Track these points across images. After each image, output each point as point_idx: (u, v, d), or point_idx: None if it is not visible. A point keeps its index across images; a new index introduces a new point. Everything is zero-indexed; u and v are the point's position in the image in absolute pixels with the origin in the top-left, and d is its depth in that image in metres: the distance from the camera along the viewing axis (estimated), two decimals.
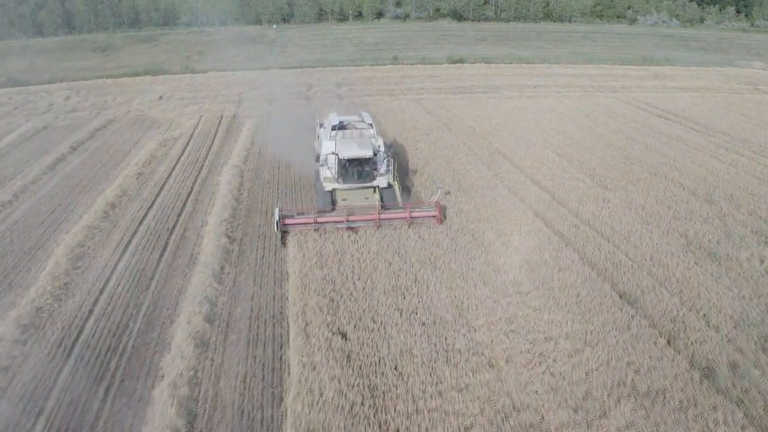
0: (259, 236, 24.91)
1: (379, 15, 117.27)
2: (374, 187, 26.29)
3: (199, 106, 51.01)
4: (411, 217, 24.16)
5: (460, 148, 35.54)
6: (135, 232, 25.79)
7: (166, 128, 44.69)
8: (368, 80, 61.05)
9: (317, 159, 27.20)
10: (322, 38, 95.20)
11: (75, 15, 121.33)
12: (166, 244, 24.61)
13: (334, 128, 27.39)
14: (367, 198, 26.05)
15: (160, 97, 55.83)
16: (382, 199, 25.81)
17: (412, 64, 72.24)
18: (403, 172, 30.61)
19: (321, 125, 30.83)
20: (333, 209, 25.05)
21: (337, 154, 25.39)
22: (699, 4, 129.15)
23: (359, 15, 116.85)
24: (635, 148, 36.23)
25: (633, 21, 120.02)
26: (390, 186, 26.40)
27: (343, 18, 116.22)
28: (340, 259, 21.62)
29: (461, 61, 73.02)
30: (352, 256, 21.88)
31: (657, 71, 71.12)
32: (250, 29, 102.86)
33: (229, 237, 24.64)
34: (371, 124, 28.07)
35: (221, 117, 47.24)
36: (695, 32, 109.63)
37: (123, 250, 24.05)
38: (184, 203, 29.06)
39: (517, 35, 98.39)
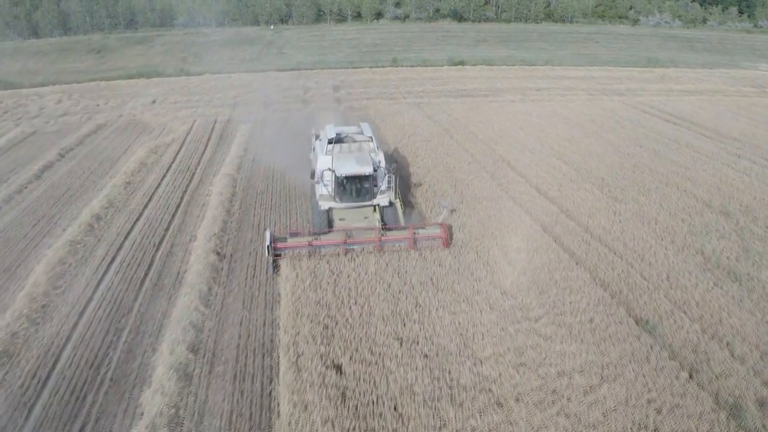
0: (250, 253, 23.57)
1: (379, 15, 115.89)
2: (374, 206, 24.35)
3: (193, 110, 49.67)
4: (414, 240, 22.47)
5: (462, 155, 34.17)
6: (120, 248, 24.49)
7: (158, 134, 43.36)
8: (367, 83, 59.68)
9: (312, 175, 25.16)
10: (320, 39, 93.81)
11: (71, 16, 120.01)
12: (152, 261, 23.28)
13: (330, 142, 25.40)
14: (366, 217, 24.02)
15: (153, 101, 54.49)
16: (382, 219, 23.92)
17: (412, 66, 70.86)
18: (404, 183, 29.19)
19: (317, 137, 28.88)
20: (330, 231, 23.21)
21: (333, 171, 23.39)
22: (701, 5, 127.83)
23: (358, 15, 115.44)
24: (644, 156, 34.87)
25: (635, 22, 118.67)
26: (391, 204, 24.43)
27: (341, 18, 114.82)
28: (335, 280, 20.25)
29: (462, 63, 71.64)
30: (348, 276, 20.51)
31: (662, 73, 69.76)
32: (246, 30, 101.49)
33: (218, 254, 23.29)
34: (371, 137, 26.16)
35: (215, 122, 45.89)
36: (699, 33, 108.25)
37: (106, 268, 22.75)
38: (173, 215, 27.73)
39: (519, 36, 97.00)
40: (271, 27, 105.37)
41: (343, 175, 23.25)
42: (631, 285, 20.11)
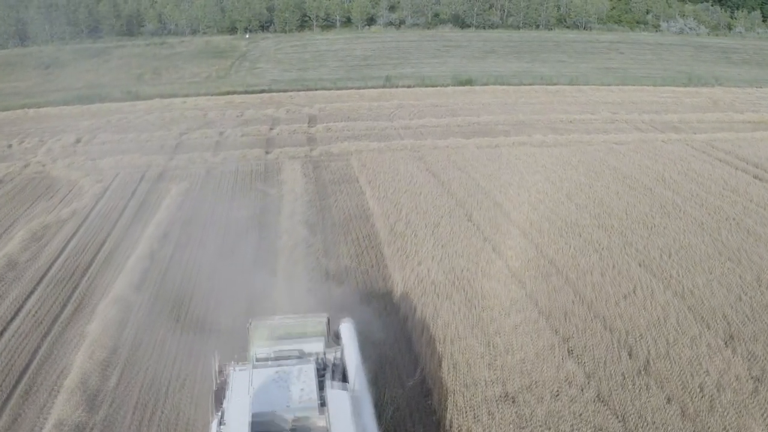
0: None
1: (371, 21, 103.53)
2: None
3: (120, 156, 37.35)
4: None
5: (490, 260, 21.91)
6: None
7: (59, 199, 31.29)
8: (352, 113, 47.31)
9: None
10: (302, 50, 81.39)
11: (29, 24, 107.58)
12: None
13: None
14: None
15: (78, 140, 42.30)
16: None
17: (409, 86, 58.50)
18: (397, 321, 17.03)
19: (218, 390, 11.99)
20: None
21: None
22: (722, 8, 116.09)
23: (348, 21, 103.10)
24: (765, 257, 22.69)
25: (656, 27, 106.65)
26: None
27: (329, 25, 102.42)
28: None
29: (470, 81, 59.40)
30: None
31: (710, 95, 57.82)
32: (218, 40, 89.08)
33: None
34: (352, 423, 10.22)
35: (142, 178, 33.76)
36: (730, 42, 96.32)
37: None
38: (6, 401, 15.70)
39: (531, 46, 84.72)
40: (247, 36, 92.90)
41: None
42: None
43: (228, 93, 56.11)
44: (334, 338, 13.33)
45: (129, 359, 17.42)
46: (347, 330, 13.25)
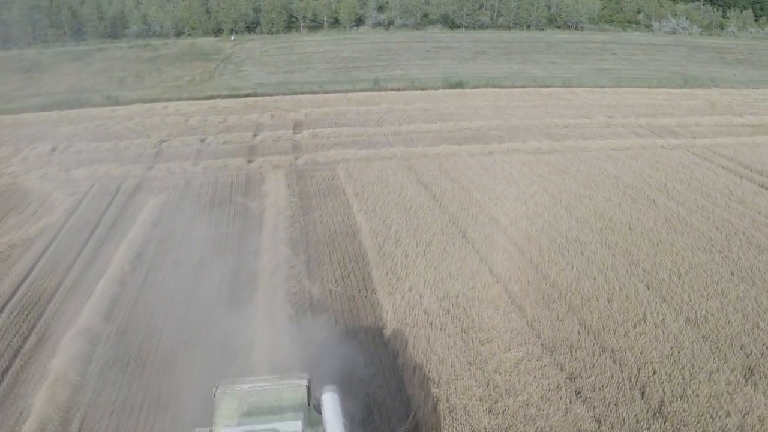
0: None
1: (359, 22, 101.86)
2: None
3: (97, 166, 35.56)
4: None
5: (487, 285, 20.28)
6: None
7: (30, 214, 29.49)
8: (339, 118, 45.66)
9: None
10: (289, 52, 79.60)
11: (10, 26, 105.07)
12: None
13: None
14: None
15: (54, 149, 40.46)
16: None
17: (399, 89, 56.85)
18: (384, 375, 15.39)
19: None
20: None
21: None
22: (714, 8, 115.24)
23: (335, 22, 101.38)
24: None
25: (648, 27, 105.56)
26: None
27: (316, 26, 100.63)
28: None
29: (460, 84, 57.89)
30: None
31: (706, 96, 56.55)
32: (203, 41, 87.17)
33: None
34: None
35: (118, 190, 31.97)
36: (724, 42, 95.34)
37: None
38: None
39: (523, 47, 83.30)
40: (232, 37, 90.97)
41: None
42: None
43: (211, 97, 54.34)
44: (315, 406, 11.57)
45: (93, 401, 15.73)
46: (330, 403, 11.16)
